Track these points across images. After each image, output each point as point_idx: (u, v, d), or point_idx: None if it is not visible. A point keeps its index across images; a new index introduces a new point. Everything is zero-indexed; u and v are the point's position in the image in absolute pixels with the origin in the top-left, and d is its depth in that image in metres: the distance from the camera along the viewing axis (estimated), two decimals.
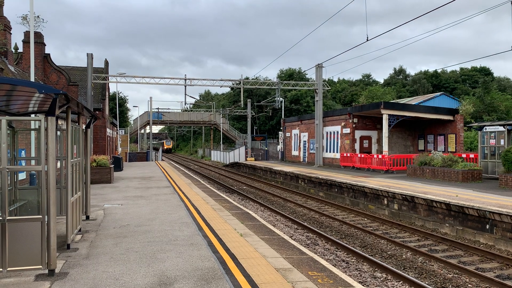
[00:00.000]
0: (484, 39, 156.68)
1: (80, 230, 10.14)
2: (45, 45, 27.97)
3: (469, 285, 9.28)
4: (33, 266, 6.69)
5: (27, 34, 25.88)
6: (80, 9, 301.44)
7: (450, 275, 9.92)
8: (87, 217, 11.76)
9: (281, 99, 43.01)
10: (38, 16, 27.14)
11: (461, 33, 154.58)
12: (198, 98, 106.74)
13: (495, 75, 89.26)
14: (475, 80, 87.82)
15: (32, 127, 13.75)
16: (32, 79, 16.66)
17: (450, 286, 9.26)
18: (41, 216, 6.73)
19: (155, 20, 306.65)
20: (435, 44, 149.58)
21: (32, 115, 10.71)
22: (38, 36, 26.64)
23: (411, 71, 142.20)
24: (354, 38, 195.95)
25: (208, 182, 31.05)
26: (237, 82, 36.66)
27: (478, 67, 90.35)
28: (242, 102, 41.27)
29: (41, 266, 6.72)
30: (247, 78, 48.04)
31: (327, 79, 38.81)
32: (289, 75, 74.30)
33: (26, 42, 25.84)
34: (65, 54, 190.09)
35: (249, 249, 8.72)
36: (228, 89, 79.33)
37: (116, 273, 7.08)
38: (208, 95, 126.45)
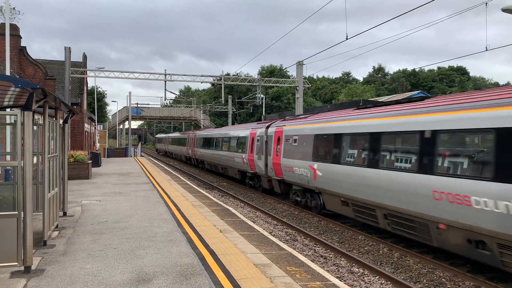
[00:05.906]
0: (448, 39, 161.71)
1: (57, 226, 10.01)
2: (21, 38, 27.34)
3: (443, 280, 9.52)
4: (8, 263, 6.59)
5: (2, 26, 25.21)
6: (42, 0, 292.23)
7: (425, 270, 10.16)
8: (65, 214, 11.61)
9: (262, 95, 43.14)
10: (14, 8, 26.56)
11: (425, 32, 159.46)
12: (178, 93, 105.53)
13: (470, 74, 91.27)
14: (452, 79, 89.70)
15: (8, 121, 13.48)
16: (8, 72, 16.27)
17: (425, 280, 9.49)
18: (16, 212, 6.63)
19: (121, 13, 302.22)
20: (403, 42, 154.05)
21: (8, 110, 10.50)
22: (14, 28, 26.02)
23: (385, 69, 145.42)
24: (320, 36, 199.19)
25: (188, 178, 30.91)
26: (218, 78, 36.56)
27: (455, 66, 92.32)
28: (223, 98, 41.13)
29: (17, 263, 6.63)
30: (228, 74, 47.92)
31: (307, 77, 39.03)
32: (270, 72, 74.54)
33: (1, 34, 25.19)
34: (30, 46, 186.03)
35: (229, 245, 8.76)
36: (208, 85, 79.17)
37: (94, 269, 7.03)
38: (188, 91, 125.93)
